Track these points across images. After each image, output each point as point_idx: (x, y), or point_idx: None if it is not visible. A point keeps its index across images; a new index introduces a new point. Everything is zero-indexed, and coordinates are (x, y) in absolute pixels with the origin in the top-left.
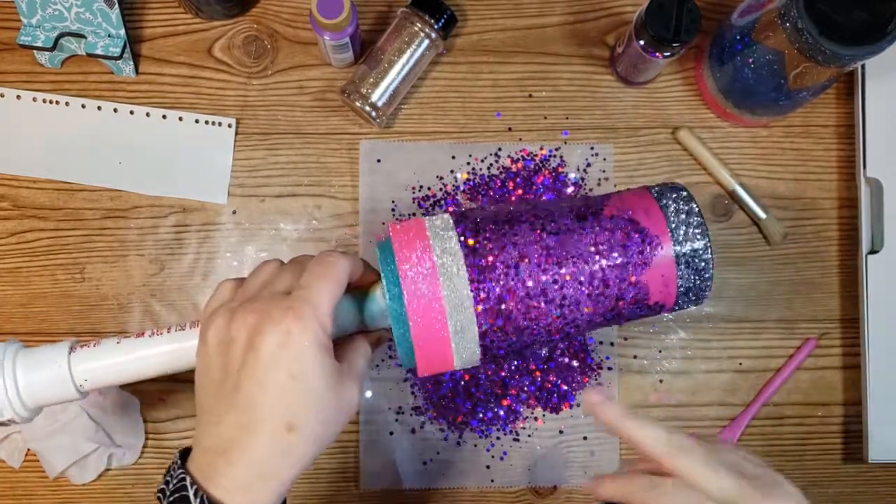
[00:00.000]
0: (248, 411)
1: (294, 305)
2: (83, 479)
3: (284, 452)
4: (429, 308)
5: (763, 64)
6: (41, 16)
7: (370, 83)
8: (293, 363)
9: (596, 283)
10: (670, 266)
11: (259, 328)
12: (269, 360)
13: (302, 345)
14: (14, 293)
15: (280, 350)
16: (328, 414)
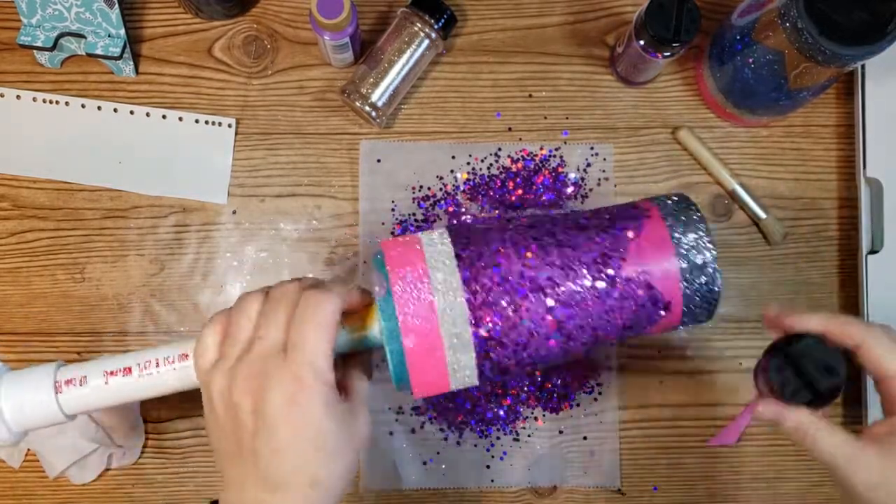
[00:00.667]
0: (270, 476)
1: (294, 371)
2: (83, 479)
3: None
4: (424, 327)
5: (763, 64)
6: (41, 16)
7: (370, 83)
8: (306, 427)
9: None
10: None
11: (263, 396)
12: (281, 427)
13: (311, 409)
14: (14, 293)
15: (290, 416)
16: (348, 457)
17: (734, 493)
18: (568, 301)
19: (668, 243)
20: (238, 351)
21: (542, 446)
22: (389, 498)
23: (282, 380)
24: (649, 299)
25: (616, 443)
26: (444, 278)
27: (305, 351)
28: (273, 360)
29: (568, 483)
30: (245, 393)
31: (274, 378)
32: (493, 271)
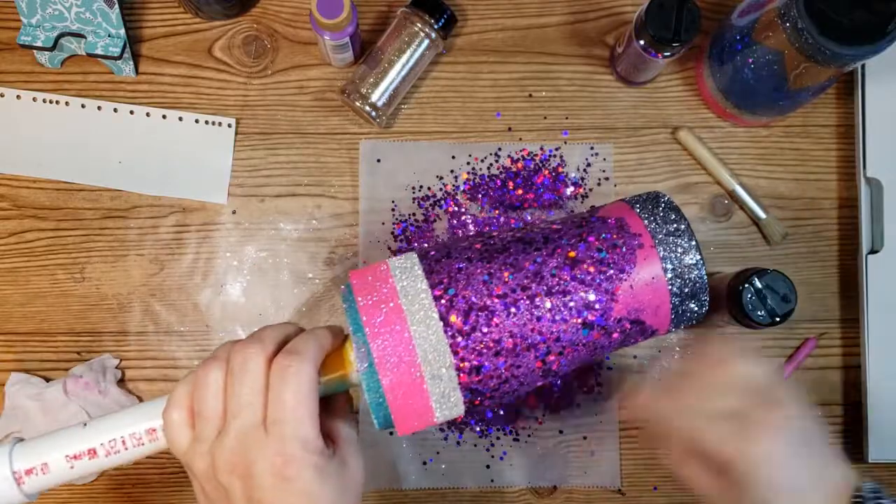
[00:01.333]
0: None
1: (280, 448)
2: (83, 479)
3: None
4: (400, 362)
5: (763, 64)
6: (41, 16)
7: (370, 83)
8: (304, 500)
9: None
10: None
11: (251, 480)
12: (274, 497)
13: (305, 482)
14: (14, 293)
15: (285, 495)
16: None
17: None
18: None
19: (662, 285)
20: (212, 430)
21: (542, 446)
22: (389, 498)
23: (268, 457)
24: (638, 332)
25: (616, 443)
26: (418, 309)
27: (288, 423)
28: (254, 438)
29: (568, 483)
30: (231, 475)
31: (259, 456)
32: (468, 299)
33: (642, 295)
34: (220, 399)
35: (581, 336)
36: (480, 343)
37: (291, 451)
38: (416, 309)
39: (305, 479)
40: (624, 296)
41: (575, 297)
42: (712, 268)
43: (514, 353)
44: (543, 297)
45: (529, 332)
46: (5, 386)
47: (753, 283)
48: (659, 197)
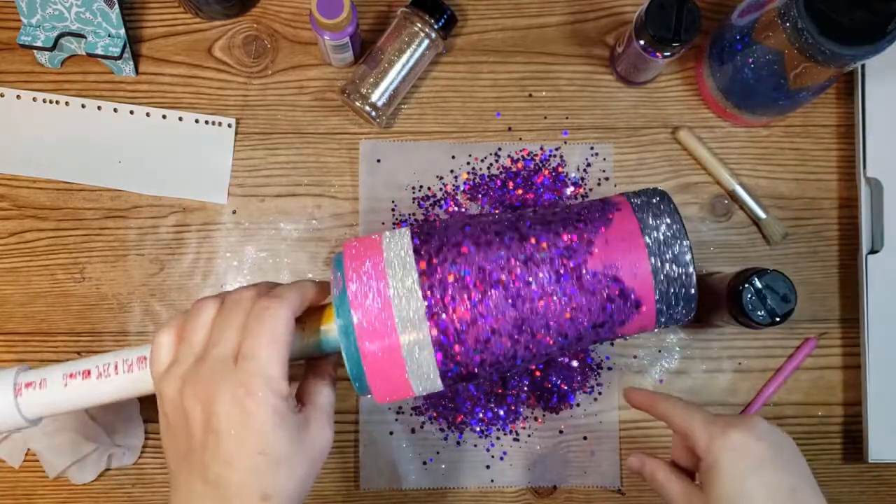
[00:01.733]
0: (219, 488)
1: (244, 380)
2: (83, 479)
3: None
4: (378, 324)
5: (763, 64)
6: (41, 16)
7: (370, 83)
8: (257, 439)
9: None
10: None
11: (212, 407)
12: (231, 439)
13: (261, 420)
14: (14, 293)
15: (240, 429)
16: (301, 470)
17: None
18: (530, 297)
19: (637, 237)
20: (192, 356)
21: (542, 446)
22: (389, 498)
23: (231, 389)
24: (619, 296)
25: (616, 443)
26: (401, 275)
27: (256, 359)
28: (224, 368)
29: (568, 483)
30: (195, 400)
31: (223, 387)
32: (451, 267)
33: (617, 250)
34: (207, 329)
35: (563, 301)
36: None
37: (254, 386)
38: (399, 277)
39: (261, 418)
40: (600, 249)
41: (549, 247)
42: (712, 268)
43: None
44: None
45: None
46: None
47: (753, 283)
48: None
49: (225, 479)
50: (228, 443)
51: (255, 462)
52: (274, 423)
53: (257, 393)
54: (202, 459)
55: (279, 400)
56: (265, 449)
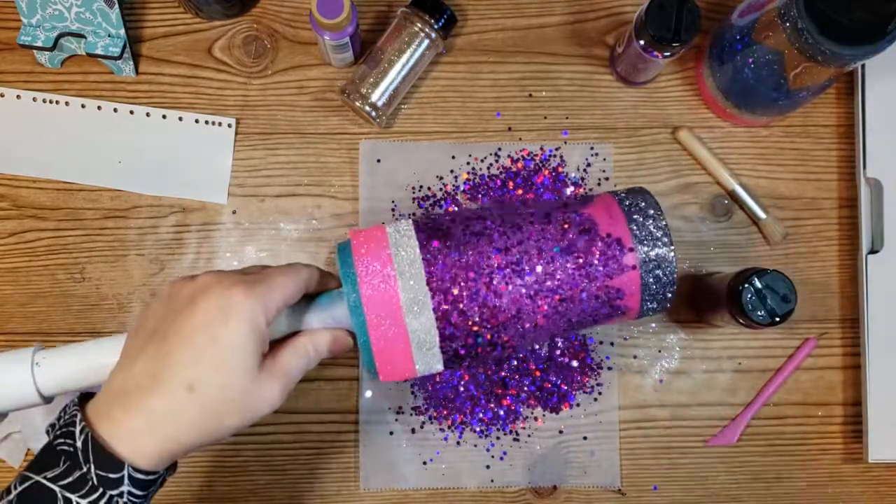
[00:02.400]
0: (161, 361)
1: (247, 280)
2: None
3: (178, 411)
4: (385, 305)
5: (763, 64)
6: (41, 16)
7: (370, 83)
8: (221, 329)
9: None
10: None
11: (206, 288)
12: (201, 318)
13: (237, 317)
14: (14, 293)
15: (215, 313)
16: (235, 394)
17: (734, 493)
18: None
19: (617, 210)
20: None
21: (542, 446)
22: (389, 498)
23: (228, 286)
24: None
25: (616, 443)
26: (406, 257)
27: (266, 279)
28: (234, 277)
29: (568, 483)
30: (194, 283)
31: (223, 282)
32: (453, 254)
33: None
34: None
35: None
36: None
37: (252, 289)
38: (405, 266)
39: (237, 323)
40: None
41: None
42: (712, 268)
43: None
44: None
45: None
46: None
47: (753, 283)
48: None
49: (172, 352)
50: (197, 318)
51: (204, 346)
52: (243, 328)
53: (250, 293)
54: (164, 332)
55: (261, 315)
56: (221, 341)
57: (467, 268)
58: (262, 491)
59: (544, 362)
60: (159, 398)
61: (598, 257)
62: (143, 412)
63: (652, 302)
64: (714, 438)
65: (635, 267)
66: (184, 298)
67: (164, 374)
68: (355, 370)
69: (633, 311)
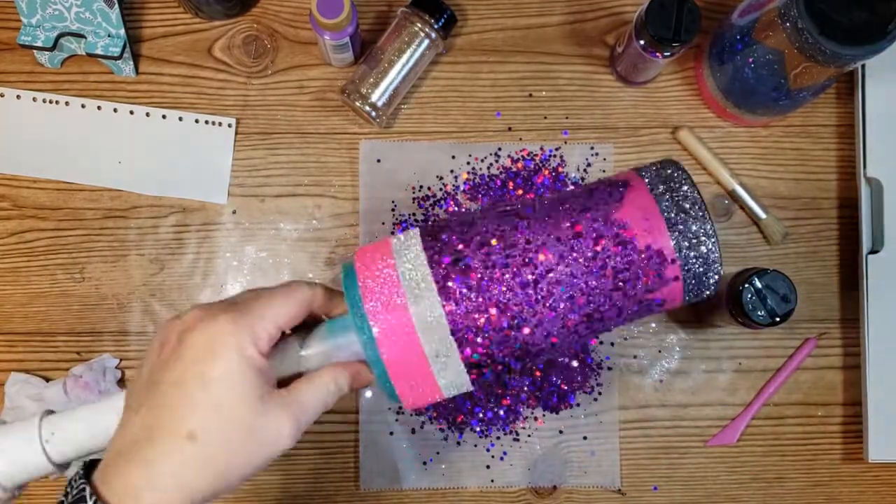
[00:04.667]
0: (156, 412)
1: (234, 309)
2: None
3: (182, 462)
4: (399, 331)
5: (763, 64)
6: (41, 16)
7: (370, 83)
8: (211, 367)
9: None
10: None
11: (192, 325)
12: (190, 359)
13: (226, 350)
14: (14, 293)
15: (203, 351)
16: (238, 433)
17: (734, 493)
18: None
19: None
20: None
21: (542, 446)
22: (389, 498)
23: (213, 319)
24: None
25: (616, 443)
26: (414, 276)
27: (256, 304)
28: (220, 307)
29: (568, 483)
30: (181, 324)
31: (216, 315)
32: (464, 262)
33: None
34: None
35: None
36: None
37: (241, 319)
38: (414, 286)
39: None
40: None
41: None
42: None
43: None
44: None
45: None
46: (5, 386)
47: (753, 283)
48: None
49: (166, 399)
50: (185, 361)
51: (195, 390)
52: (235, 361)
53: (236, 322)
54: (157, 380)
55: (250, 343)
56: (214, 380)
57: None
58: (262, 491)
59: (544, 362)
60: (157, 451)
61: (639, 276)
62: (144, 467)
63: (693, 296)
64: (714, 438)
65: (678, 278)
66: (173, 341)
67: (161, 426)
68: None
69: (672, 307)
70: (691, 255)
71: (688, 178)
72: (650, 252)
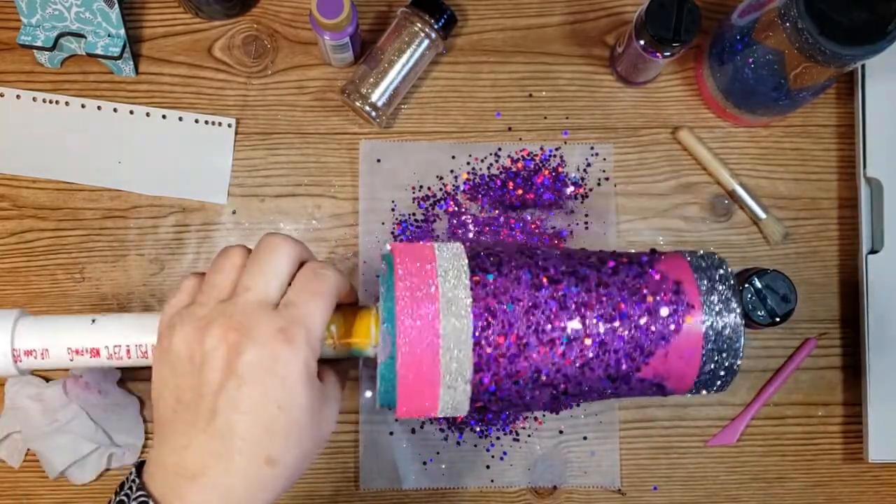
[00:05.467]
0: (224, 439)
1: (285, 327)
2: (83, 479)
3: (260, 486)
4: (422, 340)
5: (763, 64)
6: (41, 15)
7: (370, 83)
8: (281, 393)
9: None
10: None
11: (241, 348)
12: (254, 387)
13: (292, 374)
14: (14, 293)
15: (267, 377)
16: (310, 445)
17: (734, 493)
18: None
19: (697, 354)
20: (215, 298)
21: (542, 446)
22: (389, 498)
23: (267, 334)
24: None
25: (616, 443)
26: (456, 304)
27: (303, 313)
28: (260, 313)
29: (568, 483)
30: (220, 343)
31: (258, 332)
32: (504, 299)
33: (674, 363)
34: (235, 274)
35: (600, 384)
36: (504, 364)
37: (294, 334)
38: (452, 308)
39: (293, 372)
40: (656, 361)
41: (610, 348)
42: None
43: (531, 382)
44: (580, 340)
45: (554, 370)
46: (5, 386)
47: (753, 283)
48: (720, 264)
49: (234, 428)
50: (250, 389)
51: (271, 418)
52: (303, 381)
53: (296, 341)
54: (213, 406)
55: (313, 358)
56: (287, 406)
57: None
58: None
59: None
60: (235, 476)
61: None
62: (220, 492)
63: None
64: (714, 438)
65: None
66: (217, 366)
67: (234, 453)
68: (355, 370)
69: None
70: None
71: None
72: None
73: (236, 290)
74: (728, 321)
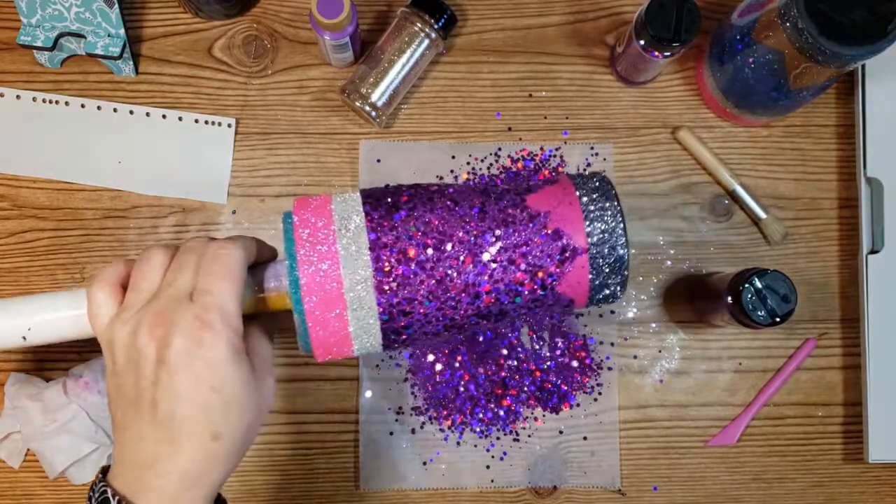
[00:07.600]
0: (169, 426)
1: (200, 314)
2: (83, 479)
3: (212, 461)
4: (324, 281)
5: (763, 64)
6: (41, 15)
7: (370, 83)
8: (210, 375)
9: (502, 267)
10: (583, 262)
11: (167, 341)
12: (184, 373)
13: (216, 355)
14: (14, 293)
15: (194, 362)
16: (251, 415)
17: (734, 493)
18: (473, 251)
19: (572, 194)
20: (142, 301)
21: (542, 446)
22: (389, 498)
23: (187, 323)
24: (552, 239)
25: (616, 443)
26: (351, 234)
27: (212, 294)
28: (179, 304)
29: (568, 483)
30: (148, 338)
31: (179, 320)
32: (399, 228)
33: (548, 197)
34: (159, 274)
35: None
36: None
37: (211, 318)
38: (348, 244)
39: (217, 353)
40: (535, 198)
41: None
42: (712, 268)
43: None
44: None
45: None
46: (5, 386)
47: (753, 283)
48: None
49: (175, 414)
50: (181, 376)
51: (206, 399)
52: (228, 359)
53: (214, 325)
54: (152, 398)
55: (235, 336)
56: (218, 385)
57: (416, 244)
58: (262, 491)
59: (544, 362)
60: (187, 458)
61: (546, 221)
62: (177, 474)
63: (604, 283)
64: (714, 438)
65: (585, 259)
66: (150, 361)
67: (181, 437)
68: (355, 370)
69: (584, 290)
70: (603, 250)
71: (610, 186)
72: (564, 241)
73: (159, 289)
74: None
